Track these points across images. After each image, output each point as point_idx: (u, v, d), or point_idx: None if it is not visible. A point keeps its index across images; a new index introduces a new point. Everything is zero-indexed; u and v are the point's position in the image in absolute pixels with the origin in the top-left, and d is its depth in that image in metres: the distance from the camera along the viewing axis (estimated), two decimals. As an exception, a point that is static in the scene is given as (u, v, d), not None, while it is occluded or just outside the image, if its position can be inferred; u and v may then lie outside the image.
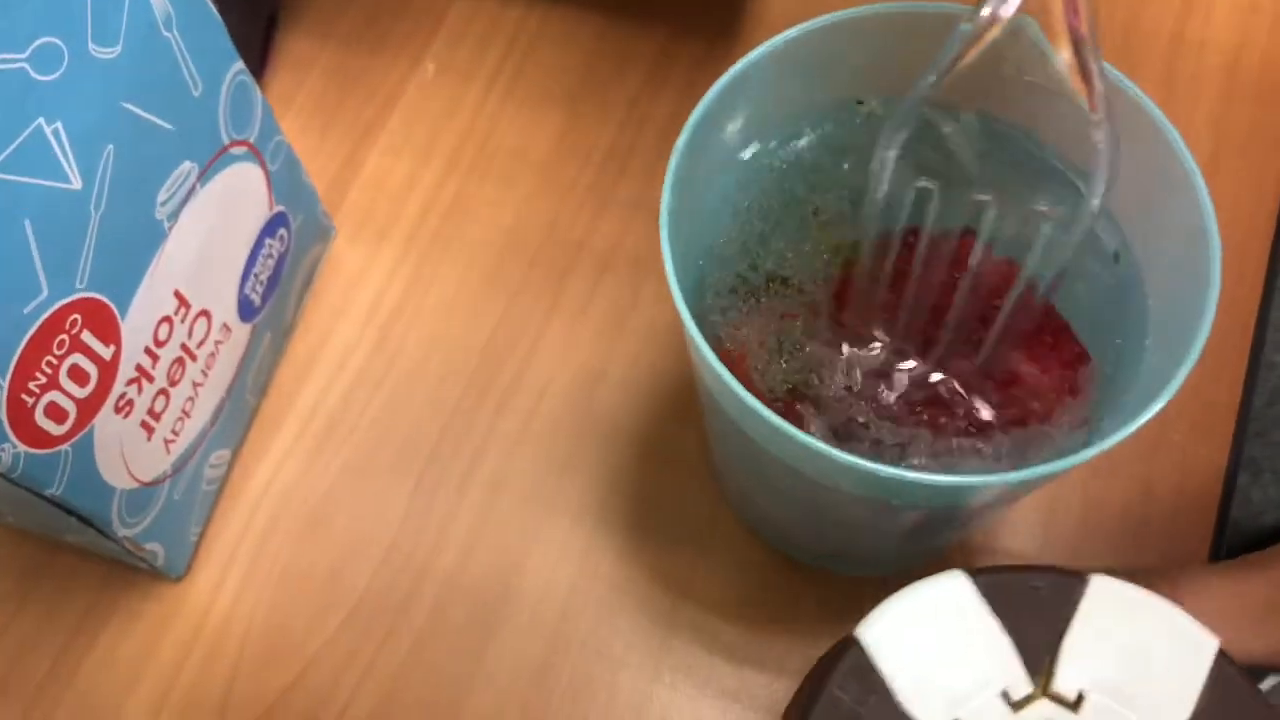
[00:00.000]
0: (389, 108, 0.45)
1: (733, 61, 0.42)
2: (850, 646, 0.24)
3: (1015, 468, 0.26)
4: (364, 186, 0.43)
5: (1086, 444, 0.25)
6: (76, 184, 0.26)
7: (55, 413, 0.27)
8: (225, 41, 0.31)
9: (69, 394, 0.27)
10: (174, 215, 0.30)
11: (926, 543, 0.35)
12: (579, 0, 0.46)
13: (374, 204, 0.43)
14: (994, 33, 0.22)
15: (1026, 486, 0.26)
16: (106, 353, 0.29)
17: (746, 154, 0.30)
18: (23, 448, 0.26)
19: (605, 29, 0.45)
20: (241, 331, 0.36)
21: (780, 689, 0.35)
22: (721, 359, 0.24)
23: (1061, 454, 0.27)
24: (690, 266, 0.29)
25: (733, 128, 0.29)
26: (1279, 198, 0.41)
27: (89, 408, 0.28)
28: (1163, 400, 0.23)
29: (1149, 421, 0.23)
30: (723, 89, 0.27)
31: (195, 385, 0.34)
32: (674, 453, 0.38)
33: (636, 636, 0.36)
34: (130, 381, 0.30)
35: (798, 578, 0.36)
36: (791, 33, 0.27)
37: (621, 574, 0.37)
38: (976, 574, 0.24)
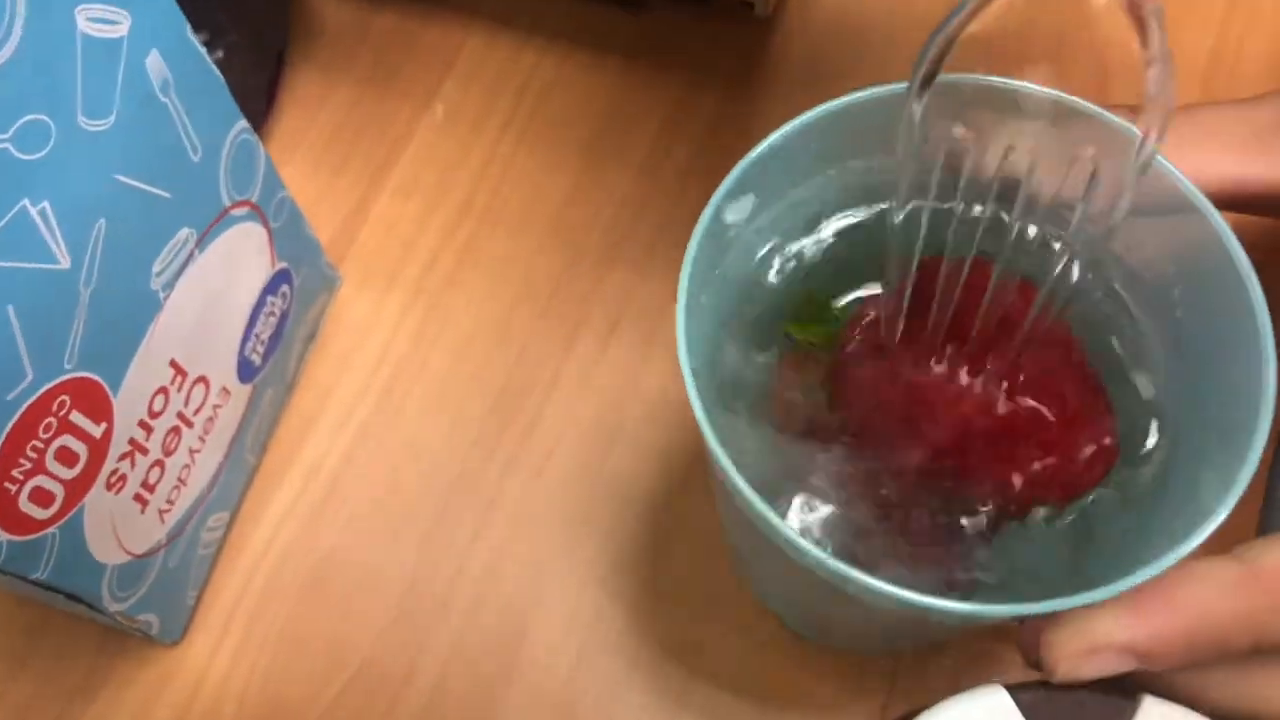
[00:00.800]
0: (398, 150, 0.43)
1: (752, 116, 0.41)
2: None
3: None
4: (372, 231, 0.42)
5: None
6: (65, 263, 0.25)
7: (41, 497, 0.26)
8: (227, 102, 0.30)
9: (56, 477, 0.26)
10: (170, 284, 0.29)
11: (946, 634, 0.34)
12: (593, 47, 0.45)
13: (382, 249, 0.42)
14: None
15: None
16: (97, 431, 0.27)
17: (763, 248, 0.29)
18: (5, 536, 0.25)
19: (620, 78, 0.44)
20: (241, 393, 0.35)
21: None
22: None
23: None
24: (708, 340, 0.28)
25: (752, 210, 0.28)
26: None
27: (78, 488, 0.27)
28: (1214, 522, 0.22)
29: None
30: (741, 173, 0.26)
31: (192, 452, 0.33)
32: (686, 520, 0.37)
33: (644, 707, 0.35)
34: (123, 457, 0.29)
35: (809, 656, 0.35)
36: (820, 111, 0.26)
37: (630, 644, 0.36)
38: (1016, 690, 0.23)
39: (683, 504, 0.37)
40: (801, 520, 0.27)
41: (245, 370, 0.35)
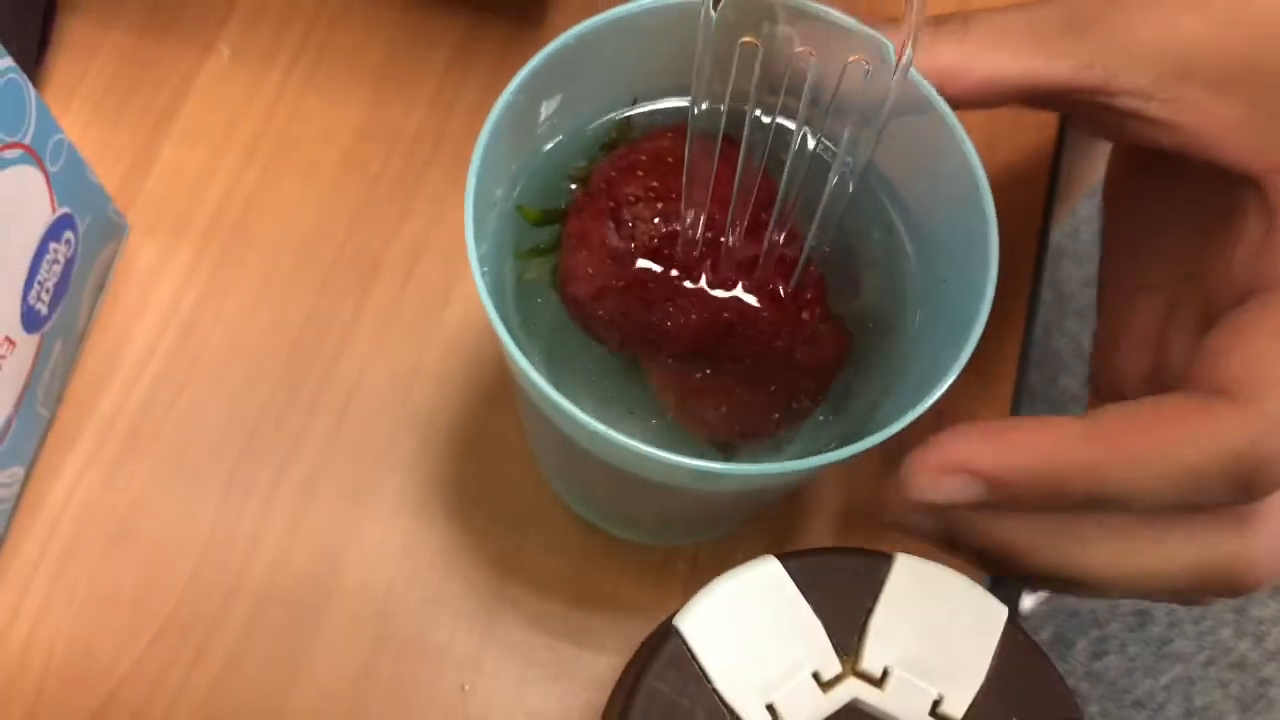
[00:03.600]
0: (182, 95, 0.42)
1: (541, 43, 0.42)
2: (669, 636, 0.24)
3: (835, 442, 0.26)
4: (159, 179, 0.41)
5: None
6: None
7: None
8: (-15, 36, 0.29)
9: None
10: (-65, 225, 0.28)
11: (742, 514, 0.35)
12: (379, -20, 0.44)
13: (170, 197, 0.41)
14: None
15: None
16: None
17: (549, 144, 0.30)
18: None
19: (407, 10, 0.44)
20: (28, 343, 0.34)
21: (604, 666, 0.35)
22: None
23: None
24: (500, 251, 0.29)
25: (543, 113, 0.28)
26: (1049, 172, 0.43)
27: None
28: (944, 384, 0.24)
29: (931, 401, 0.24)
30: (528, 75, 0.26)
31: (-25, 403, 0.32)
32: (493, 440, 0.38)
33: (459, 627, 0.36)
34: (-104, 405, 0.28)
35: (617, 557, 0.37)
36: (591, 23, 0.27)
37: (442, 566, 0.36)
38: (787, 558, 0.24)
39: (489, 429, 0.38)
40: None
41: (31, 319, 0.34)
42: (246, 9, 0.44)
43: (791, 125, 0.25)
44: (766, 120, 0.26)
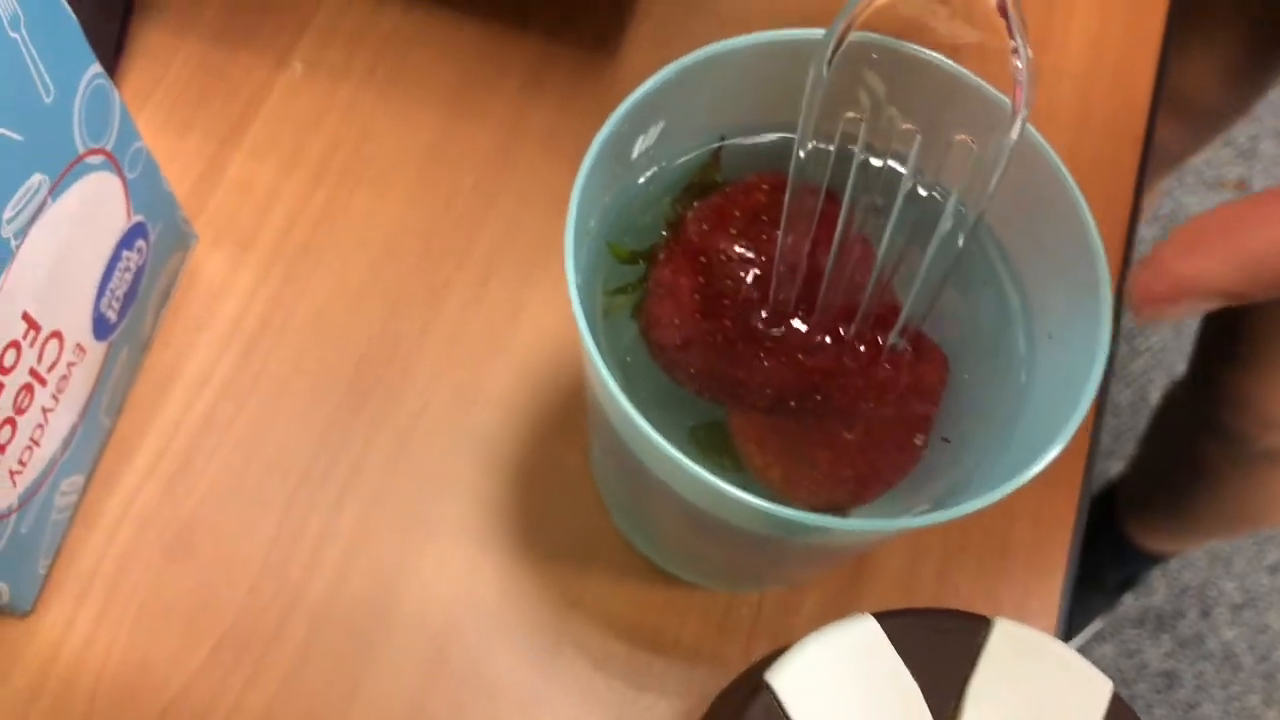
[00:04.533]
0: (254, 107, 0.42)
1: (614, 71, 0.42)
2: (759, 691, 0.23)
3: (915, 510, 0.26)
4: (228, 191, 0.41)
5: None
6: (-88, 203, 0.23)
7: (-112, 453, 0.25)
8: (80, 43, 0.29)
9: (-97, 431, 0.25)
10: (22, 232, 0.28)
11: (816, 566, 0.35)
12: (454, 3, 0.44)
13: (239, 210, 0.41)
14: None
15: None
16: (-54, 384, 0.26)
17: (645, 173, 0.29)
18: None
19: (480, 32, 0.44)
20: (96, 351, 0.33)
21: (664, 710, 0.34)
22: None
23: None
24: (589, 281, 0.28)
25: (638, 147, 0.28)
26: (1127, 224, 0.42)
27: (-74, 444, 0.26)
28: (1055, 449, 0.23)
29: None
30: (632, 106, 0.26)
31: (45, 411, 0.31)
32: (557, 470, 0.37)
33: (517, 660, 0.35)
34: (-27, 413, 0.28)
35: (679, 598, 0.36)
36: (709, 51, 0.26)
37: (503, 595, 0.36)
38: (884, 617, 0.24)
39: (552, 458, 0.37)
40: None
41: (100, 327, 0.33)
42: (321, 25, 0.44)
43: (900, 169, 0.25)
44: (876, 163, 0.25)
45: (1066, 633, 0.37)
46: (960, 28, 0.20)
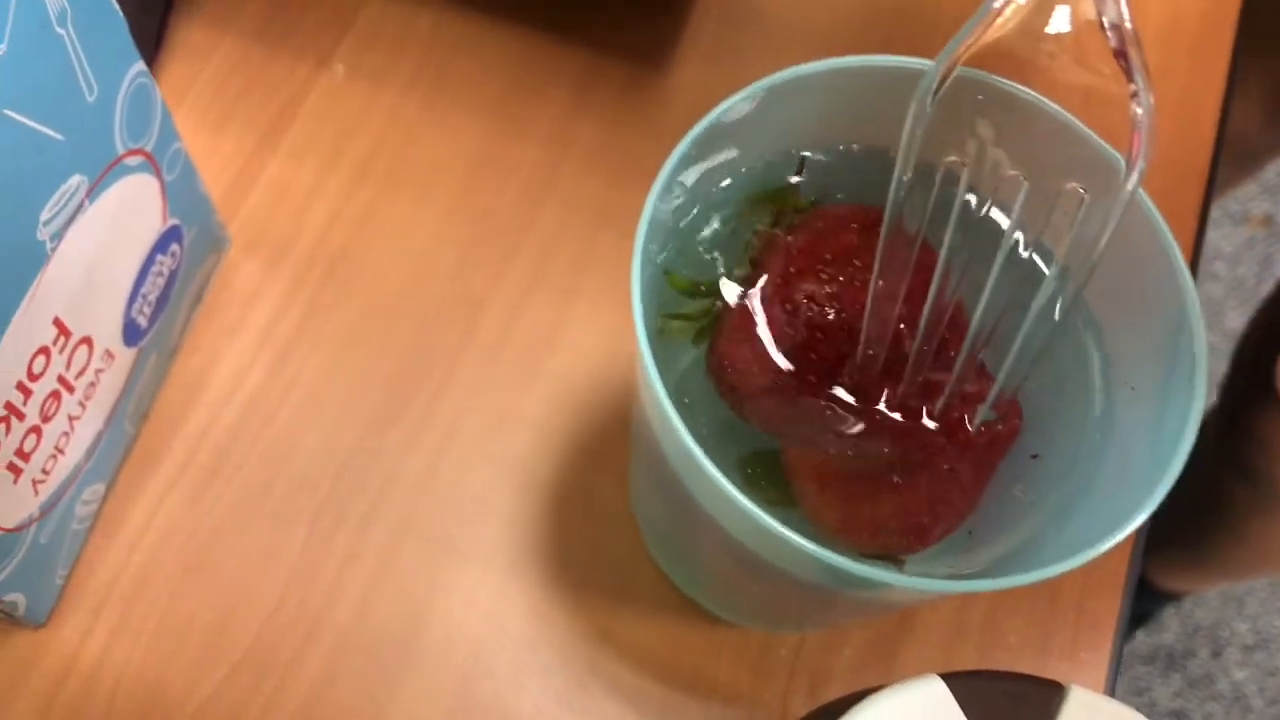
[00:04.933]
0: (293, 109, 0.41)
1: (663, 86, 0.40)
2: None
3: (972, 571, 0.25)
4: (264, 194, 0.40)
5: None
6: (-52, 203, 0.22)
7: (-90, 463, 0.23)
8: (125, 39, 0.28)
9: (-72, 441, 0.24)
10: (58, 235, 0.26)
11: (865, 614, 0.33)
12: (502, 11, 0.43)
13: (274, 214, 0.39)
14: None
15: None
16: (-27, 391, 0.25)
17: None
18: None
19: (529, 43, 0.43)
20: (125, 357, 0.32)
21: (696, 756, 0.33)
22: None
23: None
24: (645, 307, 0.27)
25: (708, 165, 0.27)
26: (1191, 260, 0.41)
27: (-50, 454, 0.25)
28: (1142, 515, 0.22)
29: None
30: (705, 129, 0.25)
31: (71, 419, 0.30)
32: (592, 498, 0.36)
33: (546, 695, 0.34)
34: (-1, 421, 0.26)
35: (716, 638, 0.35)
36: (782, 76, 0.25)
37: (533, 627, 0.34)
38: (952, 679, 0.22)
39: (588, 485, 0.36)
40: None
41: (131, 332, 0.32)
42: (364, 27, 0.43)
43: (1001, 220, 0.24)
44: (968, 198, 0.24)
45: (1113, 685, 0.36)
46: (1071, 68, 0.19)
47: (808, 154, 0.28)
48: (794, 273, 0.25)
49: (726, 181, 0.28)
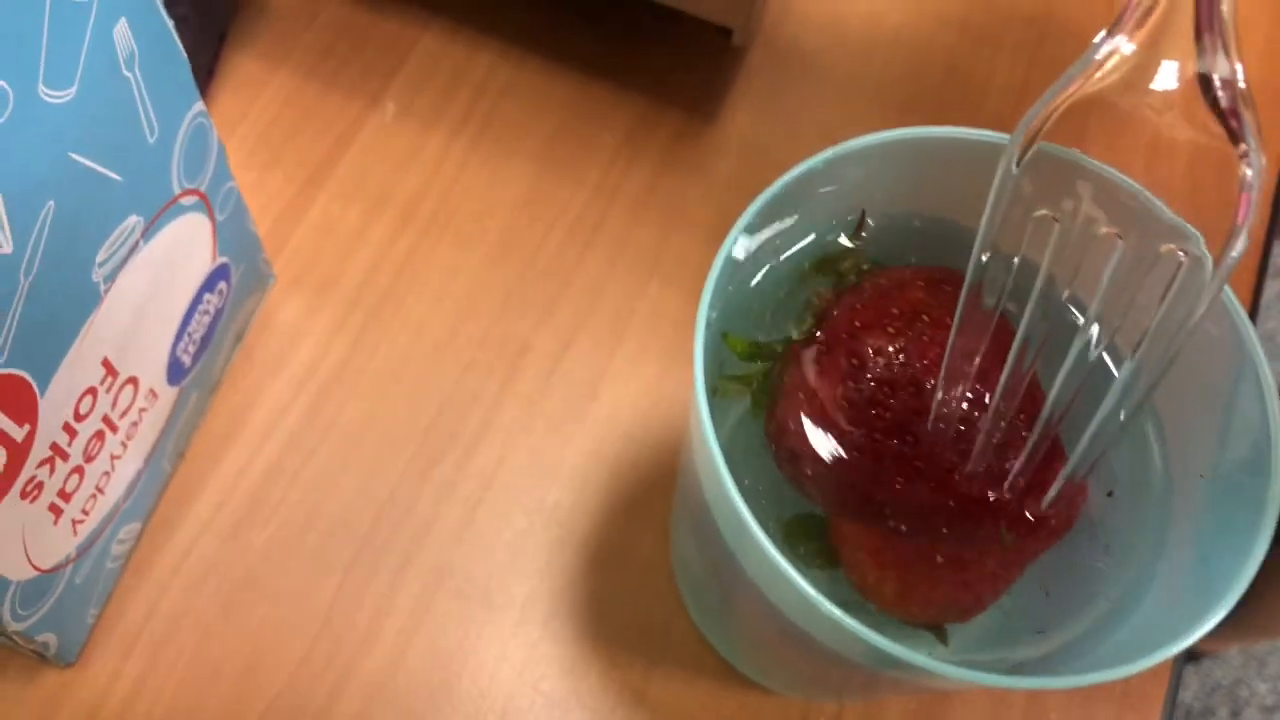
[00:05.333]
0: (342, 147, 0.41)
1: (713, 136, 0.40)
2: None
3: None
4: (309, 232, 0.39)
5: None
6: (7, 248, 0.22)
7: (-45, 507, 0.23)
8: (188, 80, 0.28)
9: (-27, 484, 0.23)
10: (111, 276, 0.26)
11: (901, 692, 0.33)
12: (552, 55, 0.43)
13: (319, 253, 0.39)
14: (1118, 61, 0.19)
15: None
16: (19, 434, 0.25)
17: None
18: (-87, 551, 0.22)
19: (578, 89, 0.42)
20: (168, 396, 0.32)
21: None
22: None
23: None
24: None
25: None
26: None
27: (-7, 496, 0.24)
28: (1220, 612, 0.21)
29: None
30: (771, 197, 0.24)
31: (113, 458, 0.30)
32: (630, 554, 0.36)
33: (576, 755, 0.33)
34: (43, 463, 0.26)
35: (753, 702, 0.34)
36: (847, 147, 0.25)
37: (565, 688, 0.34)
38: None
39: (627, 540, 0.36)
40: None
41: (175, 372, 0.32)
42: (416, 67, 0.43)
43: (1076, 318, 0.23)
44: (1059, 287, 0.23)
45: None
46: (1176, 123, 0.19)
47: (870, 220, 0.28)
48: (859, 326, 0.24)
49: (786, 245, 0.27)
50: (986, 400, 0.23)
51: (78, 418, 0.27)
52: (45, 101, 0.22)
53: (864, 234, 0.27)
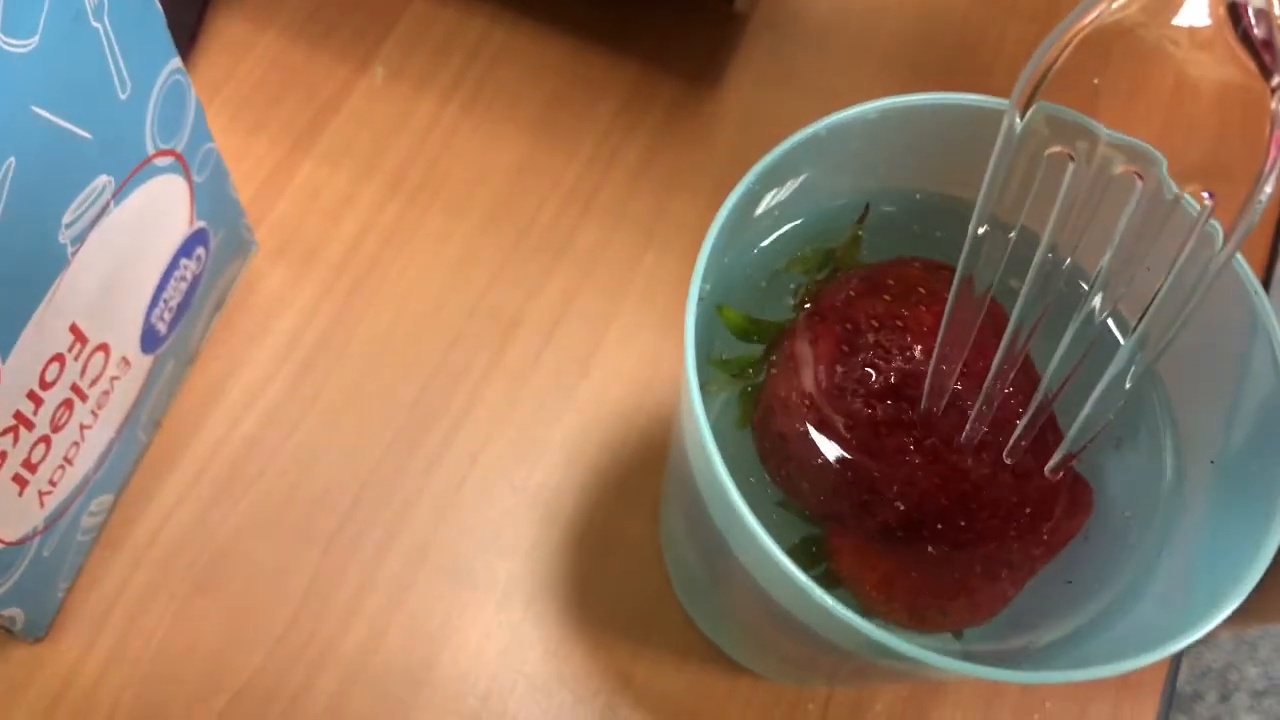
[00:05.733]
0: (330, 111, 0.40)
1: (713, 105, 0.39)
2: None
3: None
4: (294, 198, 0.38)
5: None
6: (-35, 204, 0.21)
7: (-90, 476, 0.22)
8: (163, 34, 0.26)
9: (-71, 453, 0.22)
10: (80, 238, 0.25)
11: (895, 681, 0.32)
12: (548, 19, 0.42)
13: (304, 220, 0.38)
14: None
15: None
16: (-19, 400, 0.23)
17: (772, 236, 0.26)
18: None
19: (574, 54, 0.41)
20: (142, 364, 0.31)
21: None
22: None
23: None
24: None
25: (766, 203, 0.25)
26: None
27: (-48, 466, 0.23)
28: (1232, 604, 0.20)
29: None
30: (770, 163, 0.23)
31: (83, 428, 0.29)
32: (618, 536, 0.35)
33: (559, 739, 0.32)
34: (6, 431, 0.25)
35: (742, 688, 0.33)
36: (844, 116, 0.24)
37: (548, 671, 0.33)
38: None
39: (615, 521, 0.35)
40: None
41: (149, 339, 0.31)
42: (407, 30, 0.41)
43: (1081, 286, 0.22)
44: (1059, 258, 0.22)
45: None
46: (1202, 59, 0.17)
47: (879, 206, 0.26)
48: (853, 296, 0.23)
49: (784, 218, 0.26)
50: (981, 377, 0.22)
51: (43, 385, 0.26)
52: (5, 50, 0.21)
53: (866, 219, 0.26)
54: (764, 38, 0.42)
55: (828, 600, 0.20)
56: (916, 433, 0.22)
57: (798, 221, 0.26)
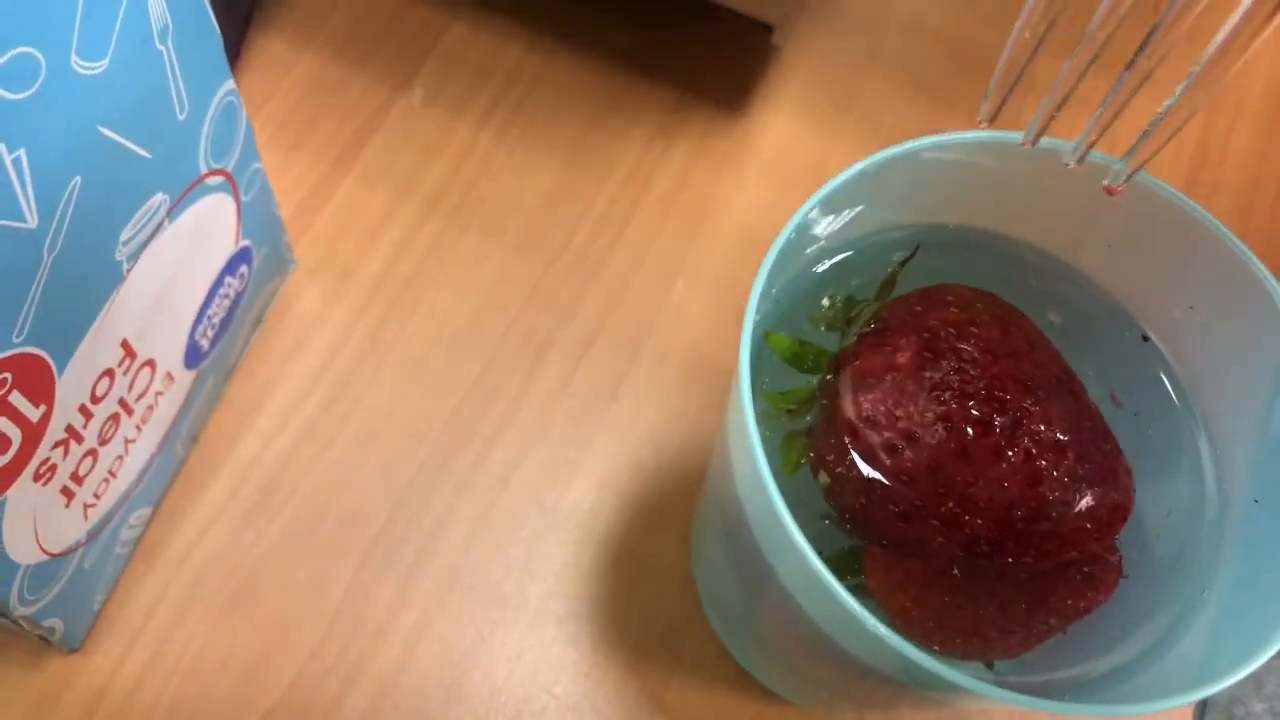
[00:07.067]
0: (368, 132, 0.40)
1: (746, 131, 0.39)
2: None
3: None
4: (332, 217, 0.39)
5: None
6: (32, 222, 0.21)
7: (-33, 488, 0.22)
8: (220, 57, 0.27)
9: (-14, 465, 0.23)
10: (135, 255, 0.25)
11: (929, 710, 0.32)
12: (585, 45, 0.42)
13: (341, 238, 0.38)
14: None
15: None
16: (35, 415, 0.24)
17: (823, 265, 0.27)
18: (-78, 533, 0.21)
19: (610, 80, 0.42)
20: (185, 380, 0.31)
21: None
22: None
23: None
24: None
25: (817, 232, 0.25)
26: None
27: (4, 479, 0.24)
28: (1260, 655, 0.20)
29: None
30: (827, 194, 0.23)
31: (127, 442, 0.29)
32: (649, 559, 0.35)
33: (587, 762, 0.32)
34: (56, 444, 0.25)
35: (770, 708, 0.33)
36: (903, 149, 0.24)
37: (579, 693, 0.33)
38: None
39: (645, 544, 0.35)
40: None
41: (192, 355, 0.31)
42: (446, 51, 0.42)
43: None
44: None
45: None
46: None
47: (929, 243, 0.27)
48: (920, 310, 0.23)
49: (832, 249, 0.27)
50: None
51: (94, 399, 0.26)
52: (77, 73, 0.21)
53: (914, 256, 0.27)
54: (797, 68, 0.43)
55: (881, 628, 0.20)
56: (1006, 434, 0.22)
57: (841, 259, 0.27)
